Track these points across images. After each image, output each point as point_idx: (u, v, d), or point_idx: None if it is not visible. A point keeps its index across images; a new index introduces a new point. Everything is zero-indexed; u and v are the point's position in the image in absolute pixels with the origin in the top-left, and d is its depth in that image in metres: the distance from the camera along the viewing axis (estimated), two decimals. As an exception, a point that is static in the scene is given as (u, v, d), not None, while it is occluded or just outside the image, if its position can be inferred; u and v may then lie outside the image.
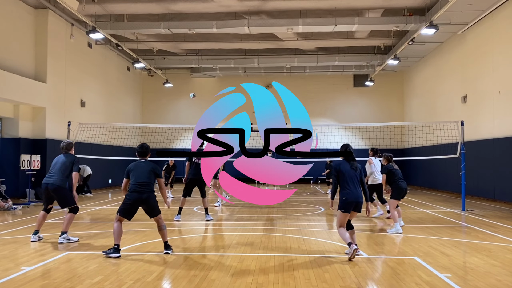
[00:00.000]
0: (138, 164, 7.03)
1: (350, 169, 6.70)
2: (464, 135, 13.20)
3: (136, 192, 6.71)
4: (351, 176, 6.66)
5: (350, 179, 6.63)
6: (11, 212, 12.13)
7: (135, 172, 6.89)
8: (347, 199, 6.55)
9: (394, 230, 8.91)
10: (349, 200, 6.55)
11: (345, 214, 6.59)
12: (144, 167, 6.95)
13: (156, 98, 28.19)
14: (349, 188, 6.59)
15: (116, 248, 6.62)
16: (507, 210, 13.14)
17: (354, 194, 6.58)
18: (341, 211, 6.59)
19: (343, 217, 6.61)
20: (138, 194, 6.70)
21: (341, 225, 6.65)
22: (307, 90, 27.75)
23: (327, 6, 16.64)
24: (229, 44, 21.62)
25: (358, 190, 6.65)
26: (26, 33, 16.18)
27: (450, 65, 19.65)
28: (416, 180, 24.29)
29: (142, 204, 6.78)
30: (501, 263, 6.34)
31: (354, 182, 6.64)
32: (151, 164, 7.06)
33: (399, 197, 9.31)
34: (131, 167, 6.99)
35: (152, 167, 6.96)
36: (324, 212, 12.45)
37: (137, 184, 6.74)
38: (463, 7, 15.04)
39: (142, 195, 6.70)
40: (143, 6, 16.70)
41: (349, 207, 6.56)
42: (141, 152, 7.15)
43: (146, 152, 7.20)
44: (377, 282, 5.41)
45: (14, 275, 5.57)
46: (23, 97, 15.25)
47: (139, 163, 7.06)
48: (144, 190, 6.73)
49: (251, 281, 5.38)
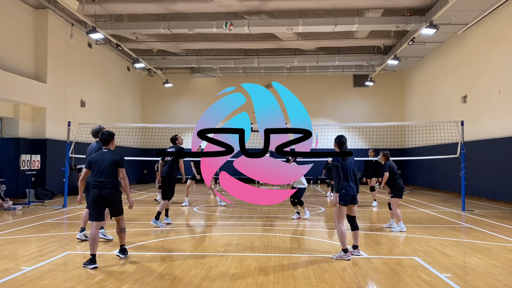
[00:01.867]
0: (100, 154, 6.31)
1: (349, 163, 6.77)
2: (464, 135, 13.20)
3: (97, 188, 6.10)
4: (350, 169, 6.74)
5: (350, 173, 6.72)
6: (11, 212, 12.13)
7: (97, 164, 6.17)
8: (347, 192, 6.62)
9: (399, 229, 9.03)
10: (349, 193, 6.63)
11: (344, 207, 6.65)
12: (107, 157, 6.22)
13: (156, 98, 28.20)
14: (349, 182, 6.68)
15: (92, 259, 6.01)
16: (507, 210, 13.14)
17: (353, 188, 6.71)
18: (341, 204, 6.62)
19: (343, 210, 6.66)
20: (99, 190, 6.10)
21: (341, 219, 6.66)
22: (307, 90, 27.75)
23: (327, 6, 16.64)
24: (229, 44, 21.62)
25: (354, 183, 6.78)
26: (26, 33, 16.18)
27: (450, 65, 19.64)
28: (416, 180, 24.29)
29: (105, 200, 6.13)
30: (501, 263, 6.34)
31: (352, 176, 6.76)
32: (115, 154, 6.31)
33: (401, 196, 9.29)
34: (92, 157, 6.27)
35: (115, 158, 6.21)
36: (324, 212, 12.45)
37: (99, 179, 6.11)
38: (463, 7, 15.04)
39: (103, 191, 6.10)
40: (143, 6, 16.70)
41: (347, 200, 6.63)
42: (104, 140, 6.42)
43: (109, 139, 6.44)
44: (377, 282, 5.41)
45: (14, 275, 5.57)
46: (23, 97, 15.24)
47: (101, 153, 6.33)
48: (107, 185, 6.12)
49: (251, 281, 5.38)
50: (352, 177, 6.77)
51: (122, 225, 6.46)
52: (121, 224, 6.45)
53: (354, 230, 6.84)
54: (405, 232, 8.92)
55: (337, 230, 6.68)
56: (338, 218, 6.68)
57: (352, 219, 6.87)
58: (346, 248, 6.58)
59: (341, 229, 6.61)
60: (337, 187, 6.61)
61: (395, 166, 9.53)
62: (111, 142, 6.48)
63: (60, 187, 15.67)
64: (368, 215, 12.03)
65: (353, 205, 6.79)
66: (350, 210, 6.83)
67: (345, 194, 6.62)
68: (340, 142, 6.84)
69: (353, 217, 6.88)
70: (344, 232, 6.61)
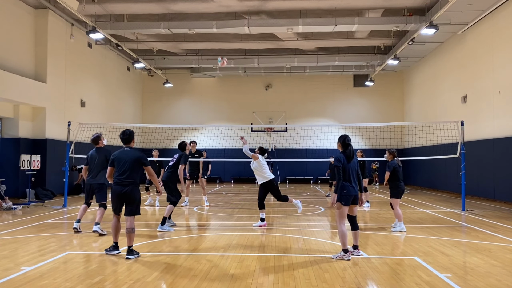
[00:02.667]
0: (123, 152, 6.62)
1: (352, 164, 6.76)
2: (464, 135, 13.20)
3: (118, 185, 6.46)
4: (352, 169, 6.72)
5: (351, 172, 6.69)
6: (11, 212, 12.13)
7: (120, 162, 6.52)
8: (348, 192, 6.59)
9: (399, 229, 9.06)
10: (350, 193, 6.60)
11: (345, 207, 6.62)
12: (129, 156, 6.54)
13: (156, 98, 28.20)
14: (350, 181, 6.65)
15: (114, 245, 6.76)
16: (507, 210, 13.14)
17: (354, 188, 6.68)
18: (341, 203, 6.59)
19: (344, 210, 6.63)
20: (121, 187, 6.46)
21: (342, 219, 6.63)
22: (307, 90, 27.79)
23: (327, 6, 16.64)
24: (229, 44, 21.62)
25: (356, 183, 6.75)
26: (26, 33, 16.18)
27: (450, 65, 19.65)
28: (416, 180, 24.29)
29: (125, 197, 6.46)
30: (501, 263, 6.34)
31: (354, 176, 6.73)
32: (137, 152, 6.64)
33: (399, 196, 9.28)
34: (115, 155, 6.63)
35: (137, 156, 6.55)
36: (324, 212, 12.45)
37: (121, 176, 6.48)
38: (463, 7, 15.04)
39: (124, 189, 6.46)
40: (143, 6, 16.70)
41: (349, 200, 6.60)
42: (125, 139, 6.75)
43: (130, 139, 6.76)
44: (377, 282, 5.41)
45: (14, 275, 5.56)
46: (23, 97, 15.24)
47: (123, 151, 6.66)
48: (128, 183, 6.46)
49: (251, 281, 5.38)
50: (355, 178, 6.75)
51: (133, 225, 6.52)
52: (132, 224, 6.50)
53: (354, 230, 6.82)
54: (405, 232, 8.94)
55: (338, 230, 6.67)
56: (340, 218, 6.66)
57: (352, 219, 6.85)
58: (346, 248, 6.57)
59: (342, 229, 6.60)
60: (337, 188, 6.62)
61: (400, 166, 9.36)
62: (132, 141, 6.80)
63: (60, 187, 15.67)
64: (360, 214, 12.02)
65: (355, 205, 6.78)
66: (351, 210, 6.81)
67: (347, 194, 6.59)
68: (344, 143, 6.81)
69: (353, 217, 6.86)
70: (345, 232, 6.60)
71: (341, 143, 6.86)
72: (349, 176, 6.68)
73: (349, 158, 6.74)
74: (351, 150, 6.80)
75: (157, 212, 12.27)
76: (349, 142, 6.84)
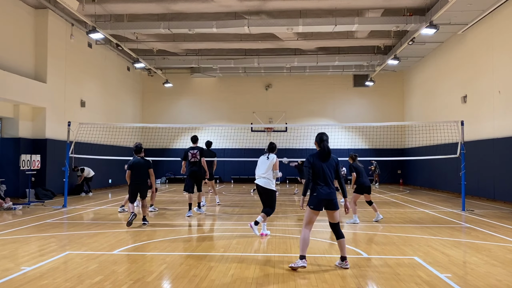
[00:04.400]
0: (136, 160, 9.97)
1: (323, 163, 6.07)
2: (464, 135, 13.19)
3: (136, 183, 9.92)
4: (325, 171, 6.04)
5: (323, 174, 6.02)
6: (11, 212, 12.12)
7: (135, 168, 9.91)
8: (318, 195, 5.97)
9: (352, 221, 10.20)
10: (320, 197, 5.96)
11: (314, 212, 6.01)
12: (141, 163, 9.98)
13: (156, 98, 28.20)
14: (324, 183, 6.01)
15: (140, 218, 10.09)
16: (507, 210, 13.14)
17: (326, 191, 5.98)
18: (310, 207, 6.00)
19: (312, 215, 6.02)
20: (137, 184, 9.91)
21: (308, 224, 6.05)
22: (307, 90, 27.79)
23: (327, 6, 16.64)
24: (229, 44, 21.62)
25: (331, 187, 6.04)
26: (26, 33, 16.18)
27: (450, 65, 19.64)
28: (416, 180, 24.29)
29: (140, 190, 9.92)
30: (501, 263, 6.34)
31: (327, 178, 6.03)
32: (146, 161, 10.05)
33: (361, 192, 10.40)
34: (132, 162, 9.97)
35: (146, 163, 10.01)
36: (324, 212, 12.43)
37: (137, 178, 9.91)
38: (463, 7, 15.04)
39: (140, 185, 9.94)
40: (143, 6, 16.69)
41: (319, 205, 5.98)
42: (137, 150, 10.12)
43: (140, 150, 10.13)
44: (377, 282, 5.41)
45: (14, 275, 5.56)
46: (23, 97, 15.24)
47: (137, 160, 9.98)
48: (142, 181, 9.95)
49: (251, 281, 5.38)
50: (329, 180, 6.04)
51: (145, 203, 10.13)
52: (144, 203, 10.08)
53: (339, 239, 6.09)
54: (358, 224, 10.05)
55: (301, 233, 6.07)
56: (306, 223, 6.05)
57: (335, 226, 6.13)
58: (304, 254, 5.93)
59: (303, 234, 6.00)
60: (304, 190, 6.13)
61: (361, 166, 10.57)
62: (142, 151, 10.15)
63: (60, 187, 15.67)
64: (360, 214, 12.01)
65: (333, 211, 6.05)
66: (331, 216, 6.10)
67: (316, 198, 5.96)
68: (320, 139, 6.15)
69: (336, 224, 6.12)
70: (306, 238, 5.97)
71: (317, 141, 6.20)
72: (323, 178, 6.02)
73: (324, 156, 6.07)
74: (326, 146, 6.09)
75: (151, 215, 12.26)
76: (326, 139, 6.14)
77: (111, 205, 14.08)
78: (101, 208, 13.32)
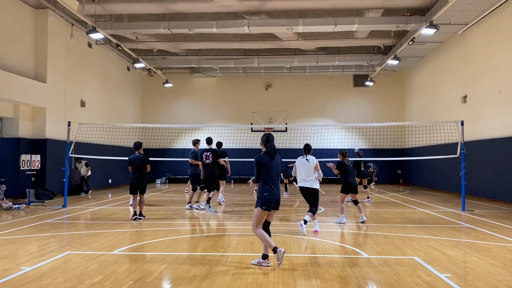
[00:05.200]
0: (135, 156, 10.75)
1: (275, 164, 6.11)
2: (464, 135, 13.20)
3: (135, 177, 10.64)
4: (274, 170, 6.08)
5: (272, 174, 6.05)
6: (11, 212, 12.10)
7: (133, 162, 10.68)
8: (270, 195, 5.97)
9: (339, 220, 10.16)
10: (272, 197, 5.98)
11: (265, 213, 5.99)
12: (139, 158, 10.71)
13: (156, 98, 28.20)
14: (270, 184, 6.02)
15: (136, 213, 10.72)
16: (507, 210, 13.14)
17: (275, 191, 6.03)
18: (262, 208, 5.94)
19: (263, 215, 6.01)
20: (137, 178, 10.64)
21: (259, 224, 6.02)
22: (307, 90, 27.78)
23: (327, 6, 16.64)
24: (229, 44, 21.62)
25: (278, 187, 6.14)
26: (26, 33, 16.18)
27: (450, 65, 19.65)
28: (416, 180, 24.30)
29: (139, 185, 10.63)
30: (501, 263, 6.34)
31: (275, 178, 6.10)
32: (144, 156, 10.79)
33: (347, 192, 10.31)
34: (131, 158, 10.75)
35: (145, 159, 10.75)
36: (324, 212, 12.46)
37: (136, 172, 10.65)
38: (463, 7, 15.04)
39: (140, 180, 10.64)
40: (143, 6, 16.69)
41: (270, 205, 5.98)
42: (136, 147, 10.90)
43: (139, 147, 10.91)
44: (377, 282, 5.41)
45: (14, 275, 5.57)
46: (23, 97, 15.24)
47: (135, 155, 10.76)
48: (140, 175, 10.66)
49: (251, 281, 5.38)
50: (276, 180, 6.10)
51: (143, 199, 10.84)
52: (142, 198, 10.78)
53: None
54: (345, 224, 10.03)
55: (256, 234, 6.06)
56: (257, 224, 6.01)
57: (267, 225, 6.19)
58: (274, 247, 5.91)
59: (260, 232, 6.01)
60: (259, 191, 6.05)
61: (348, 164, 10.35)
62: (141, 148, 10.91)
63: (60, 187, 15.68)
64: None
65: (275, 210, 6.18)
66: (270, 215, 6.18)
67: (268, 198, 5.96)
68: (267, 139, 6.17)
69: (268, 223, 6.21)
70: (264, 234, 5.99)
71: (263, 141, 6.21)
72: (271, 178, 6.03)
73: (271, 156, 6.08)
74: (272, 146, 6.12)
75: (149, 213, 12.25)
76: (272, 139, 6.18)
77: (111, 205, 14.08)
78: (101, 208, 13.31)
